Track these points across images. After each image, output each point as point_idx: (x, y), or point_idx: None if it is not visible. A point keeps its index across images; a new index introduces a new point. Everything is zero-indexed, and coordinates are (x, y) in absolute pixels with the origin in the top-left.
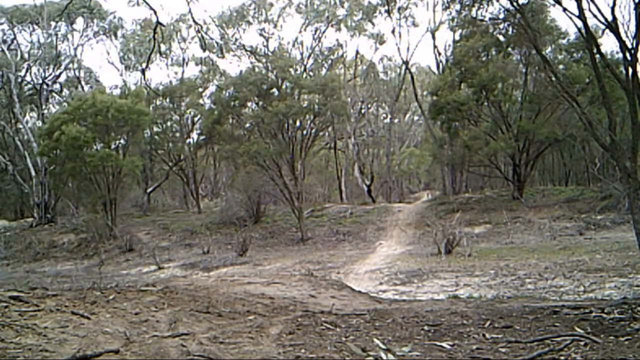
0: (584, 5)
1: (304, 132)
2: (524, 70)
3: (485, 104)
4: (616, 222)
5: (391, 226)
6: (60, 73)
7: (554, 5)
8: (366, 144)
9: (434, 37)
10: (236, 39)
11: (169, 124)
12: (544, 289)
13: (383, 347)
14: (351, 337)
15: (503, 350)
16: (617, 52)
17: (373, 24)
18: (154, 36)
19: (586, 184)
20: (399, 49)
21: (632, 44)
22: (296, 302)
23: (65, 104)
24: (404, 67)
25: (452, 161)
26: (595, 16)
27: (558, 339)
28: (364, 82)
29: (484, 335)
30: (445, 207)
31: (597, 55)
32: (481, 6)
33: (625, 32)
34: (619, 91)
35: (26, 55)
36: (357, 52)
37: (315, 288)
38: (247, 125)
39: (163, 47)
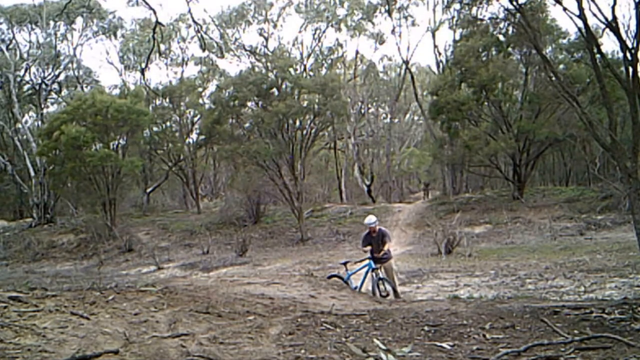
0: (584, 4)
1: (304, 132)
2: (524, 70)
3: (486, 103)
4: (617, 222)
5: (391, 226)
6: (60, 73)
7: (554, 5)
8: (366, 144)
9: (434, 37)
10: (236, 39)
11: (168, 124)
12: (545, 289)
13: (383, 347)
14: (351, 338)
15: (503, 350)
16: (618, 52)
17: (373, 24)
18: (153, 36)
19: (587, 184)
20: (399, 48)
21: (632, 43)
22: (296, 303)
23: (64, 103)
24: (404, 66)
25: (452, 161)
26: (595, 16)
27: (559, 338)
28: (364, 82)
29: (484, 335)
30: (446, 207)
31: (598, 55)
32: (481, 5)
33: (626, 32)
34: (620, 91)
35: (25, 55)
36: (357, 52)
37: (315, 288)
38: (247, 125)
39: (162, 47)
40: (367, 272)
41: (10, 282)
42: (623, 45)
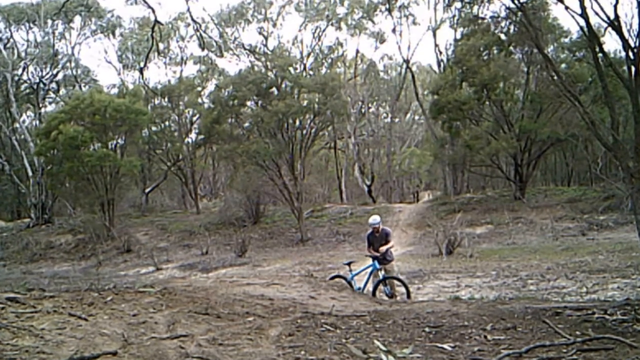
0: (587, 3)
1: (304, 131)
2: (525, 69)
3: (487, 103)
4: (619, 222)
5: (392, 227)
6: (58, 72)
7: (556, 4)
8: (366, 143)
9: (435, 36)
10: (235, 38)
11: (167, 123)
12: (546, 290)
13: (384, 348)
14: (351, 339)
15: (505, 352)
16: (620, 51)
17: (373, 23)
18: (152, 35)
19: (589, 184)
20: (399, 47)
21: (634, 42)
22: (296, 304)
23: (62, 103)
24: (404, 65)
25: (453, 161)
26: (597, 14)
27: (562, 340)
28: (365, 81)
29: (485, 337)
30: (447, 207)
31: (600, 54)
32: (482, 4)
33: (628, 31)
34: (622, 90)
35: (23, 54)
36: (358, 51)
37: (315, 289)
38: (246, 124)
39: (161, 46)
40: (371, 273)
41: (8, 283)
42: (625, 44)
